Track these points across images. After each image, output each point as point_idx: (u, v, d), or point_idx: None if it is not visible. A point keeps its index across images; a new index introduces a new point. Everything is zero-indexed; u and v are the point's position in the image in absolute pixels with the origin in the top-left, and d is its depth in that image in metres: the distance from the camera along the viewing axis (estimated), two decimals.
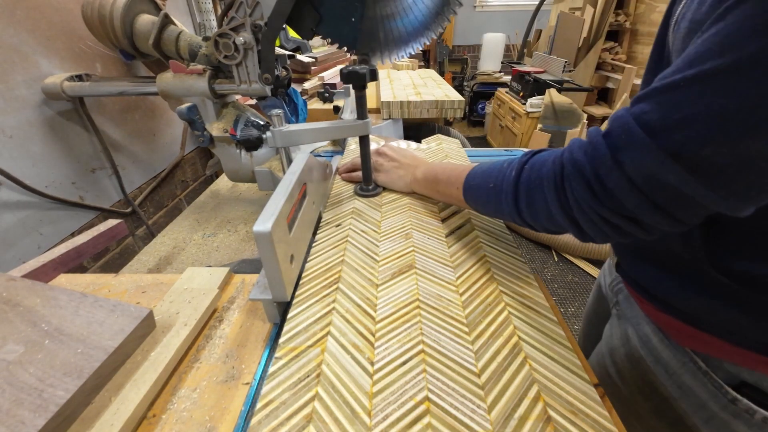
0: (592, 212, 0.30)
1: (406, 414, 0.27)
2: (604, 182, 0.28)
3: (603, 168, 0.28)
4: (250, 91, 0.62)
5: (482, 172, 0.42)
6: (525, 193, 0.35)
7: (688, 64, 0.24)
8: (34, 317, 0.34)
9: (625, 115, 0.27)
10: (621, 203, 0.28)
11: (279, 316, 0.39)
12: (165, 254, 0.69)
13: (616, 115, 0.28)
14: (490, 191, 0.39)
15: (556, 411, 0.27)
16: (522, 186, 0.35)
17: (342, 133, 0.52)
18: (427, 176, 0.52)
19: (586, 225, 0.31)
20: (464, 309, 0.36)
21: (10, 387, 0.28)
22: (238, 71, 0.60)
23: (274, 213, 0.34)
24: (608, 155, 0.28)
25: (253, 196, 0.90)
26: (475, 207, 0.44)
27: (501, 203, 0.37)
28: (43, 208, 0.75)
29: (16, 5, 0.69)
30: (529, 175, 0.35)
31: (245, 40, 0.55)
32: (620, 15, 2.97)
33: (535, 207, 0.34)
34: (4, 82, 0.67)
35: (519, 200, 0.36)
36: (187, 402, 0.32)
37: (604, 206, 0.29)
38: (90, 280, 0.47)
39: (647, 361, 0.42)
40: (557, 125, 2.32)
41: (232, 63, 0.58)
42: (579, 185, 0.30)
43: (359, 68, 0.45)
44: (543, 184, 0.33)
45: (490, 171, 0.40)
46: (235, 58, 0.58)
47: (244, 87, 0.61)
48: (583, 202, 0.30)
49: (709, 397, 0.37)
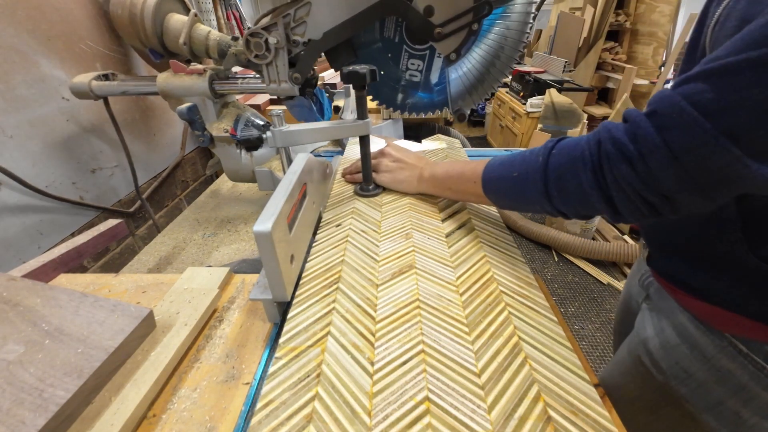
0: (631, 190, 0.31)
1: (407, 414, 0.27)
2: (648, 161, 0.29)
3: (647, 146, 0.29)
4: (279, 90, 0.62)
5: (501, 163, 0.42)
6: (556, 178, 0.35)
7: (745, 47, 0.25)
8: (35, 317, 0.34)
9: (672, 95, 0.28)
10: (662, 182, 0.29)
11: (279, 316, 0.39)
12: (165, 254, 0.69)
13: (661, 95, 0.29)
14: (515, 180, 0.39)
15: (557, 411, 0.27)
16: (552, 171, 0.36)
17: (342, 133, 0.52)
18: (437, 175, 0.52)
19: (622, 204, 0.32)
20: (464, 309, 0.36)
21: (10, 387, 0.28)
22: (267, 70, 0.60)
23: (275, 213, 0.34)
24: (654, 134, 0.28)
25: (254, 196, 0.90)
26: (495, 199, 0.44)
27: (528, 191, 0.38)
28: (44, 207, 0.75)
29: (17, 5, 0.69)
30: (559, 159, 0.35)
31: (278, 40, 0.55)
32: (620, 15, 2.97)
33: (567, 190, 0.35)
34: (5, 81, 0.67)
35: (549, 185, 0.36)
36: (187, 402, 0.32)
37: (645, 184, 0.30)
38: (90, 280, 0.47)
39: (683, 348, 0.43)
40: (557, 125, 2.32)
41: (263, 62, 0.59)
42: (621, 164, 0.30)
43: (359, 68, 0.45)
44: (577, 167, 0.33)
45: (511, 161, 0.41)
46: (266, 57, 0.58)
47: (273, 86, 0.61)
48: (623, 181, 0.31)
49: (750, 378, 0.38)
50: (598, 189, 0.33)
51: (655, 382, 0.46)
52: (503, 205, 0.45)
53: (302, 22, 0.56)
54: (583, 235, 1.96)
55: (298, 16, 0.55)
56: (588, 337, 1.52)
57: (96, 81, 0.70)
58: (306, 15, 0.55)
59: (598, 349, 1.47)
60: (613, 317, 1.59)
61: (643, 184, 0.30)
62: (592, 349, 1.47)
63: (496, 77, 0.60)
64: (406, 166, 0.57)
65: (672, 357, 0.44)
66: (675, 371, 0.44)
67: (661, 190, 0.30)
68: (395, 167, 0.57)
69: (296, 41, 0.57)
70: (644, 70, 2.94)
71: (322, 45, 0.57)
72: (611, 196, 0.32)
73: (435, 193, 0.54)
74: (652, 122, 0.29)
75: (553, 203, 0.37)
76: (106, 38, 0.90)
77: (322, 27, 0.55)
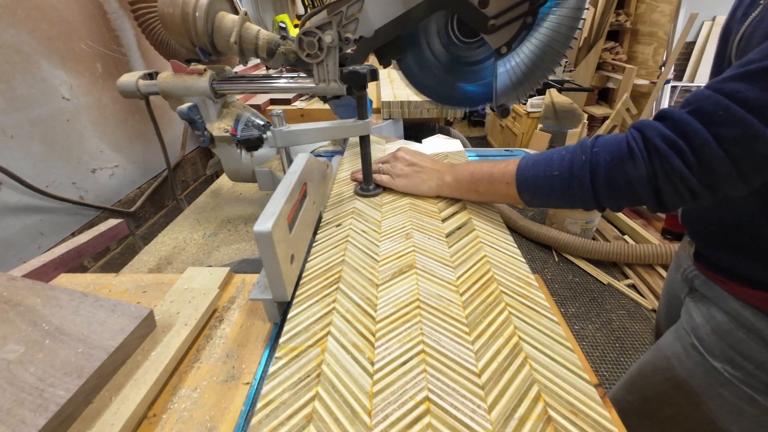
0: (680, 182, 0.34)
1: (407, 414, 0.27)
2: (699, 154, 0.33)
3: (698, 141, 0.33)
4: (327, 90, 0.61)
5: (535, 163, 0.44)
6: (605, 174, 0.38)
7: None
8: (35, 317, 0.34)
9: (714, 94, 0.32)
10: (711, 172, 0.33)
11: (279, 316, 0.39)
12: (165, 254, 0.69)
13: (703, 95, 0.33)
14: (556, 179, 0.41)
15: (557, 411, 0.27)
16: (600, 168, 0.38)
17: (342, 133, 0.52)
18: (461, 178, 0.52)
19: (668, 194, 0.36)
20: (464, 309, 0.36)
21: (10, 386, 0.28)
22: (318, 70, 0.59)
23: (275, 213, 0.34)
24: (703, 130, 0.32)
25: (254, 196, 0.90)
26: (531, 198, 0.46)
27: (572, 189, 0.40)
28: (44, 207, 0.75)
29: (17, 5, 0.69)
30: (605, 156, 0.38)
31: (332, 39, 0.55)
32: (621, 15, 2.97)
33: (616, 186, 0.38)
34: (5, 81, 0.67)
35: (597, 182, 0.39)
36: (187, 402, 0.32)
37: (696, 176, 0.34)
38: (90, 280, 0.47)
39: (739, 333, 0.45)
40: (558, 125, 2.32)
41: (315, 62, 0.58)
42: (673, 158, 0.34)
43: (359, 68, 0.45)
44: (626, 163, 0.36)
45: (548, 161, 0.43)
46: (318, 56, 0.57)
47: (322, 86, 0.61)
48: (674, 174, 0.34)
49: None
50: (648, 183, 0.36)
51: (707, 365, 0.48)
52: (537, 204, 0.46)
53: (354, 19, 0.54)
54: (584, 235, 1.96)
55: (350, 13, 0.54)
56: (588, 337, 1.52)
57: (143, 80, 0.70)
58: (358, 12, 0.54)
59: (598, 349, 1.47)
60: (613, 317, 1.59)
61: (694, 176, 0.33)
62: (592, 349, 1.47)
63: (543, 73, 0.58)
64: (422, 169, 0.56)
65: (726, 342, 0.46)
66: (729, 355, 0.46)
67: (708, 181, 0.34)
68: (411, 171, 0.56)
69: (348, 38, 0.56)
70: (644, 70, 2.94)
71: (374, 43, 0.55)
72: (659, 188, 0.36)
73: (458, 196, 0.54)
74: (698, 119, 0.33)
75: (598, 198, 0.39)
76: (106, 38, 0.90)
77: (374, 24, 0.54)
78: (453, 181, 0.53)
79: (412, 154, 0.58)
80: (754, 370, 0.44)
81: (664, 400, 0.54)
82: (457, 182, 0.53)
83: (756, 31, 0.35)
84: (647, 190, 0.36)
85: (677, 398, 0.52)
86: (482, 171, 0.50)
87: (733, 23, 0.40)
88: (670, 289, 0.63)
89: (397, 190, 0.57)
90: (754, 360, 0.44)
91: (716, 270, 0.48)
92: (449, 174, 0.54)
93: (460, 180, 0.53)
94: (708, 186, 0.34)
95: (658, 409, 0.56)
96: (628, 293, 1.69)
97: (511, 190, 0.46)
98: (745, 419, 0.46)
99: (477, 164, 0.52)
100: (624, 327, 1.56)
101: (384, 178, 0.58)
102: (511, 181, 0.46)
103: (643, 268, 1.76)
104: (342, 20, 0.54)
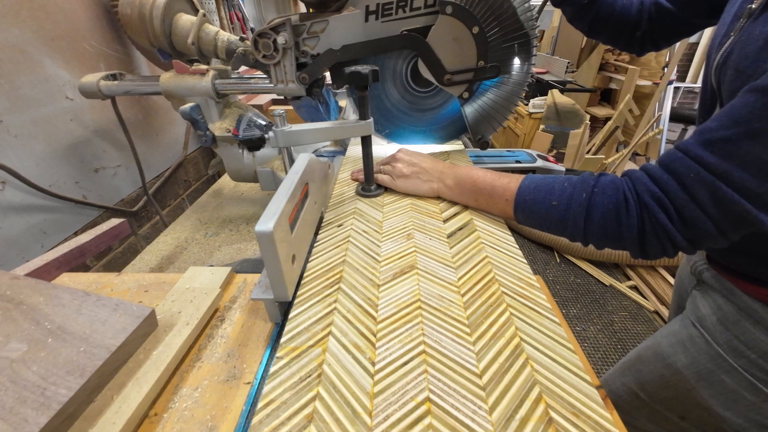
0: (665, 236, 0.37)
1: (407, 414, 0.27)
2: (682, 213, 0.36)
3: (679, 201, 0.35)
4: (286, 90, 0.62)
5: (536, 188, 0.45)
6: (600, 217, 0.40)
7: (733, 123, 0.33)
8: (38, 316, 0.34)
9: (684, 157, 0.35)
10: (695, 229, 0.35)
11: (280, 316, 0.39)
12: (167, 253, 0.69)
13: (675, 156, 0.36)
14: (553, 209, 0.43)
15: (558, 413, 0.27)
16: (596, 210, 0.40)
17: (344, 134, 0.52)
18: (462, 184, 0.52)
19: (653, 246, 0.38)
20: (466, 310, 0.36)
21: (13, 385, 0.28)
22: (275, 71, 0.60)
23: (276, 213, 0.34)
24: (680, 191, 0.35)
25: (255, 195, 0.90)
26: (525, 219, 0.47)
27: (565, 222, 0.42)
28: (47, 207, 0.75)
29: (21, 6, 0.70)
30: (603, 200, 0.40)
31: (286, 40, 0.55)
32: None
33: (606, 229, 0.40)
34: (9, 81, 0.68)
35: (590, 222, 0.40)
36: (188, 401, 0.32)
37: (680, 232, 0.36)
38: (93, 279, 0.47)
39: (745, 323, 0.46)
40: (560, 126, 2.32)
41: (271, 63, 0.59)
42: (660, 214, 0.36)
43: (361, 69, 0.45)
44: (619, 212, 0.39)
45: (549, 188, 0.44)
46: (274, 57, 0.58)
47: (280, 87, 0.61)
48: (660, 229, 0.37)
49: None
50: (638, 234, 0.38)
51: (712, 351, 0.49)
52: (528, 224, 0.47)
53: (316, 36, 0.56)
54: None
55: (313, 29, 0.55)
56: (590, 339, 1.51)
57: (104, 81, 0.70)
58: (321, 31, 0.55)
59: (600, 351, 1.46)
60: (615, 319, 1.59)
61: (678, 232, 0.36)
62: (594, 350, 1.46)
63: (507, 107, 0.63)
64: (422, 171, 0.56)
65: (731, 332, 0.47)
66: (734, 345, 0.47)
67: (690, 236, 0.36)
68: (411, 172, 0.56)
69: (305, 52, 0.57)
70: (647, 71, 2.93)
71: (340, 56, 0.57)
72: (645, 239, 0.38)
73: (457, 200, 0.54)
74: (675, 180, 0.36)
75: (587, 237, 0.41)
76: (109, 38, 0.90)
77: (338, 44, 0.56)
78: (454, 185, 0.53)
79: (412, 155, 0.58)
80: (757, 359, 0.45)
81: (662, 384, 0.55)
82: (459, 187, 0.53)
83: (727, 62, 0.37)
84: (633, 239, 0.38)
85: (675, 382, 0.53)
86: (485, 181, 0.50)
87: (712, 50, 0.42)
88: (680, 282, 0.65)
89: (398, 191, 0.57)
90: (758, 349, 0.45)
91: (726, 270, 0.49)
92: (450, 177, 0.54)
93: (461, 185, 0.52)
94: (690, 241, 0.36)
95: (653, 392, 0.57)
96: (630, 295, 1.69)
97: (508, 207, 0.47)
98: (742, 406, 0.47)
99: (480, 172, 0.51)
100: (626, 328, 1.55)
101: (385, 179, 0.58)
102: (511, 199, 0.47)
103: (645, 270, 1.75)
104: (304, 33, 0.56)
